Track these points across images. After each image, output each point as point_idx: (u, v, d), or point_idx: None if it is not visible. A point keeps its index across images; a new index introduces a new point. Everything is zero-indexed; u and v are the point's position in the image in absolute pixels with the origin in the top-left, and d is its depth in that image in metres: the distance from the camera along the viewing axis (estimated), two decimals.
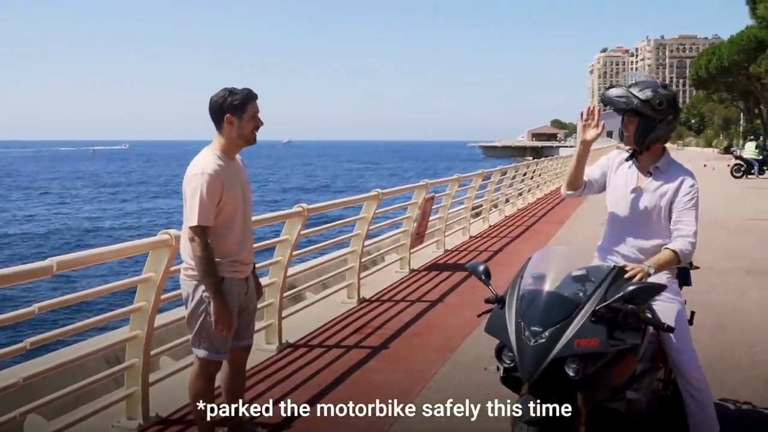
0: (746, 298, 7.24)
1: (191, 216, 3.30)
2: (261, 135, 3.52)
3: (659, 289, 2.92)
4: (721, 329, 5.97)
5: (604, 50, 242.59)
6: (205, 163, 3.36)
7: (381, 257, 9.12)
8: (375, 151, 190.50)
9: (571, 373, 2.68)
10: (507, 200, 16.72)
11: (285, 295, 5.98)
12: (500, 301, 2.97)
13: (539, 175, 21.25)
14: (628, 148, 3.42)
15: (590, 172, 3.52)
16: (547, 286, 2.91)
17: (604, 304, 2.77)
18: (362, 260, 7.64)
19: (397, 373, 5.01)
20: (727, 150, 63.73)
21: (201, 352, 3.49)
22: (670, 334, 3.25)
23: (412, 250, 9.05)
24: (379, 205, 7.60)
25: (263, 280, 4.99)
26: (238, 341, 3.64)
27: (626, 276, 3.10)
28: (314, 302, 6.68)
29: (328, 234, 7.89)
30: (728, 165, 30.60)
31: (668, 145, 3.49)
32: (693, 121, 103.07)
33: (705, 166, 38.19)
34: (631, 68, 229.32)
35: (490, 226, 13.61)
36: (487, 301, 3.03)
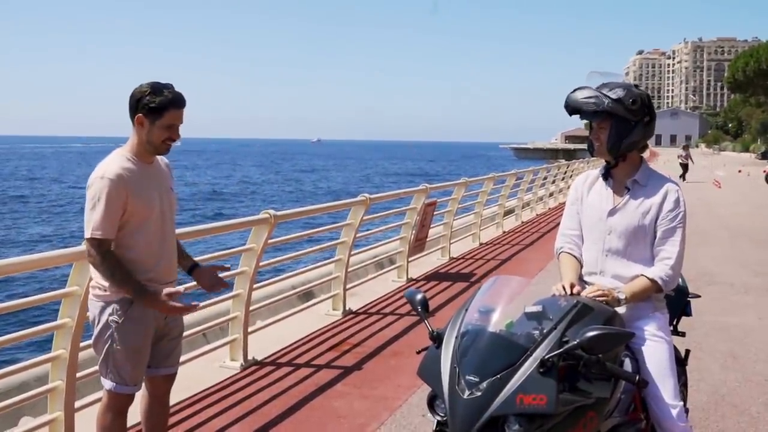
0: (766, 321, 6.52)
1: (85, 226, 2.86)
2: (290, 133, 3.00)
3: (625, 337, 2.38)
4: (733, 358, 5.34)
5: (640, 52, 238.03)
6: (109, 166, 2.91)
7: (378, 265, 8.64)
8: (401, 150, 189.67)
9: None
10: (526, 204, 16.13)
11: (256, 307, 5.55)
12: (438, 338, 2.46)
13: (562, 179, 20.58)
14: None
15: (570, 224, 3.00)
16: (493, 324, 2.39)
17: (556, 352, 2.23)
18: (352, 269, 7.18)
19: (364, 400, 4.53)
20: (764, 155, 61.86)
21: (108, 384, 3.04)
22: (652, 378, 2.72)
23: (410, 258, 8.55)
24: (369, 211, 7.11)
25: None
26: (158, 370, 3.19)
27: (590, 295, 2.60)
28: (293, 314, 6.23)
29: (315, 240, 7.46)
30: (764, 171, 29.51)
31: (704, 148, 2.93)
32: (730, 125, 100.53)
33: (740, 171, 37.10)
34: (668, 72, 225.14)
35: (504, 232, 13.03)
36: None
